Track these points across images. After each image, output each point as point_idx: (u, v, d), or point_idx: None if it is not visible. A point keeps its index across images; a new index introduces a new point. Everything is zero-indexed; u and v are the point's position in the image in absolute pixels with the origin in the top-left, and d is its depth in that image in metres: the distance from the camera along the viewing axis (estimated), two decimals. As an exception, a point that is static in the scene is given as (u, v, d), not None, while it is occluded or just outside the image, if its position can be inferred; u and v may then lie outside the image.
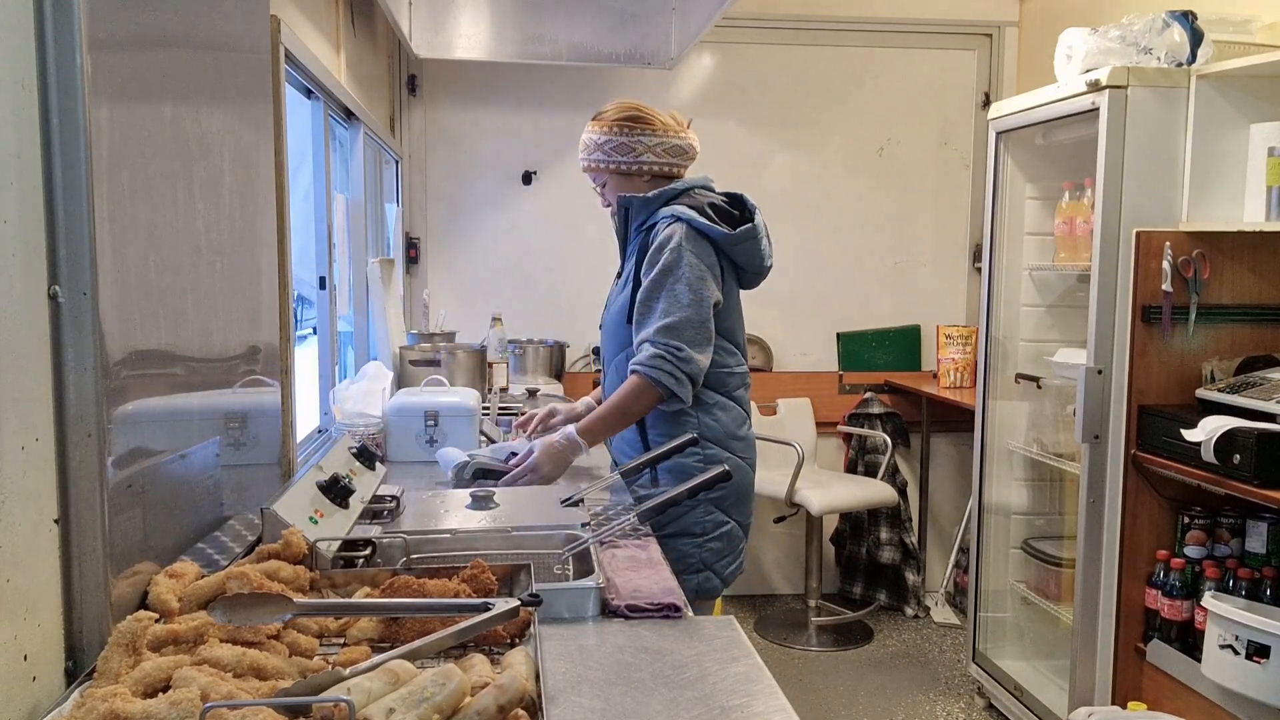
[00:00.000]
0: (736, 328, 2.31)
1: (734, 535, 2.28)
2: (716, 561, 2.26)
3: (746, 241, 2.20)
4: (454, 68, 4.37)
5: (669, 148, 2.28)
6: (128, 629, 1.14)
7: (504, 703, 1.10)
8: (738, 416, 2.28)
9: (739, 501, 2.27)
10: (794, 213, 4.62)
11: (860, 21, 4.57)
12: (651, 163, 2.28)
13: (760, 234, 2.23)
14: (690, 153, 2.33)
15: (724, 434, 2.25)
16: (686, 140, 2.32)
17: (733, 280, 2.29)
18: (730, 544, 2.27)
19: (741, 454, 2.27)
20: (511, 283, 4.53)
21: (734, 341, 2.30)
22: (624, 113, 2.31)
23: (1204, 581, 2.61)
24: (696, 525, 2.24)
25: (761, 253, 2.26)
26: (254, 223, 1.86)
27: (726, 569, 2.28)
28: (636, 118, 2.29)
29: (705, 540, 2.24)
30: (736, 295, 2.32)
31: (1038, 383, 3.31)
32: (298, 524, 1.62)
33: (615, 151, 2.30)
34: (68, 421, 1.19)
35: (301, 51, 2.38)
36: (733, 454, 2.25)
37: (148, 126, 1.39)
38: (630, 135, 2.28)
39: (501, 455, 2.33)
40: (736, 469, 2.15)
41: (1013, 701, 3.30)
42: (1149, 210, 2.75)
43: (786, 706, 1.28)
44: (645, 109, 2.32)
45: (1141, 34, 2.78)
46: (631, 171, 2.31)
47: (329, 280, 2.89)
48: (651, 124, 2.29)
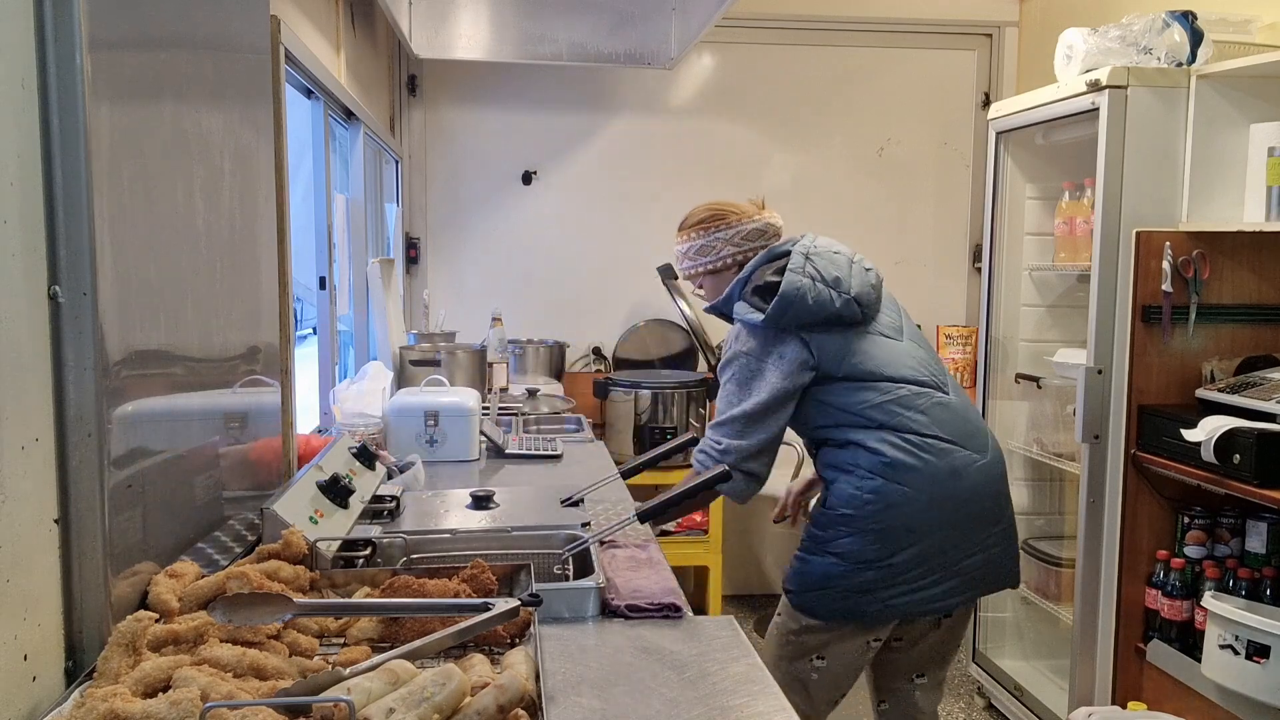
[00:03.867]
0: (864, 360, 2.15)
1: (898, 566, 2.10)
2: (877, 590, 2.11)
3: (788, 310, 2.11)
4: (454, 68, 4.37)
5: (746, 234, 2.31)
6: (128, 629, 1.14)
7: (504, 703, 1.10)
8: (899, 445, 2.11)
9: (912, 534, 2.10)
10: (794, 213, 4.58)
11: (860, 21, 4.57)
12: (733, 254, 2.30)
13: (801, 294, 2.10)
14: (770, 231, 2.33)
15: (886, 466, 2.10)
16: (763, 221, 2.34)
17: (826, 331, 2.15)
18: (892, 574, 2.10)
19: (912, 484, 2.09)
20: (511, 283, 4.53)
21: (864, 374, 2.15)
22: (698, 216, 2.36)
23: (1204, 581, 2.61)
24: (853, 552, 2.11)
25: (816, 306, 2.11)
26: (254, 223, 1.86)
27: (896, 599, 2.12)
28: (709, 217, 2.33)
29: (863, 569, 2.11)
30: (849, 335, 2.17)
31: (1038, 383, 3.31)
32: (298, 524, 1.63)
33: (699, 255, 2.34)
34: (68, 421, 1.19)
35: (301, 51, 2.38)
36: (899, 484, 2.09)
37: (148, 126, 1.39)
38: (707, 235, 2.32)
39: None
40: (905, 500, 2.08)
41: (1013, 701, 3.30)
42: (1149, 210, 2.75)
43: (786, 706, 1.28)
44: (718, 205, 2.36)
45: (1141, 34, 2.78)
46: (719, 268, 2.32)
47: (329, 280, 2.89)
48: (725, 217, 2.32)
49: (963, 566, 2.14)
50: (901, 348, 2.20)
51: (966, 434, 2.16)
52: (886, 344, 2.19)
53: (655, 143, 4.51)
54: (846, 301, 2.13)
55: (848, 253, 2.24)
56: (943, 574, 2.12)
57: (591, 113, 4.54)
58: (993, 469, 2.18)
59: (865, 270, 2.21)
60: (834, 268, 2.16)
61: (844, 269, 2.17)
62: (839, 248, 2.25)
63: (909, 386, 2.15)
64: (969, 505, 2.13)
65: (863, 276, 2.19)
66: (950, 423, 2.14)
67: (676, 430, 3.90)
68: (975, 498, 2.14)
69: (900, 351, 2.19)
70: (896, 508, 2.08)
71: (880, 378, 2.14)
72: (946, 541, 2.11)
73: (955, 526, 2.12)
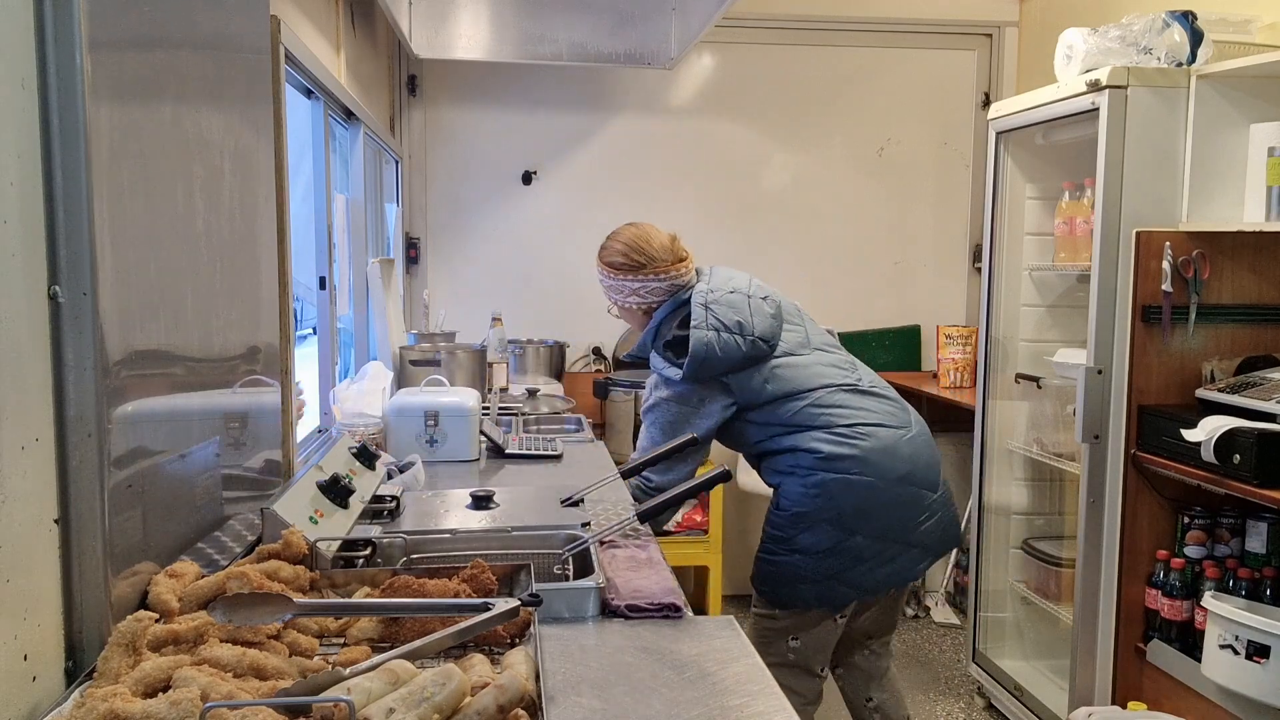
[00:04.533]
0: (783, 384, 2.33)
1: (858, 548, 2.28)
2: (843, 572, 2.29)
3: (704, 365, 2.29)
4: (454, 68, 4.37)
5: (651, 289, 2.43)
6: (128, 629, 1.14)
7: (504, 703, 1.10)
8: (832, 442, 2.29)
9: (857, 518, 2.28)
10: (794, 213, 4.62)
11: (860, 21, 4.57)
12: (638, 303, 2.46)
13: (710, 348, 2.27)
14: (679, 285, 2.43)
15: (826, 459, 2.29)
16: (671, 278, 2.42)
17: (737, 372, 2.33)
18: (855, 557, 2.29)
19: (854, 471, 2.27)
20: (511, 283, 4.53)
21: (788, 391, 2.33)
22: (613, 256, 2.44)
23: (1204, 581, 2.61)
24: (813, 545, 2.29)
25: (725, 356, 2.29)
26: (254, 223, 1.86)
27: (862, 578, 2.31)
28: (624, 265, 2.43)
29: (823, 557, 2.29)
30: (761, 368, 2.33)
31: (1038, 383, 3.31)
32: (298, 524, 1.62)
33: (610, 291, 2.49)
34: (68, 421, 1.19)
35: (301, 51, 2.38)
36: (841, 473, 2.27)
37: (148, 126, 1.39)
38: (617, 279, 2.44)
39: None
40: (847, 485, 2.26)
41: (1013, 701, 3.30)
42: (1149, 210, 2.75)
43: (787, 706, 1.28)
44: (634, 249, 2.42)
45: (1141, 34, 2.78)
46: (628, 308, 2.49)
47: (329, 280, 2.89)
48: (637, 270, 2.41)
49: (917, 535, 2.32)
50: (810, 359, 2.39)
51: (888, 414, 2.36)
52: (796, 362, 2.37)
53: (655, 143, 4.51)
54: (752, 343, 2.30)
55: (744, 287, 2.39)
56: (901, 546, 2.31)
57: (591, 113, 4.54)
58: (919, 439, 2.38)
59: (762, 301, 2.38)
60: (733, 312, 2.32)
61: (743, 311, 2.33)
62: (736, 283, 2.40)
63: (828, 387, 2.34)
64: (909, 477, 2.31)
65: (762, 312, 2.35)
66: (870, 408, 2.34)
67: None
68: (913, 469, 2.32)
69: (810, 363, 2.38)
70: (843, 494, 2.27)
71: (799, 391, 2.34)
72: (897, 515, 2.30)
73: (901, 499, 2.30)
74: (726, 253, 4.49)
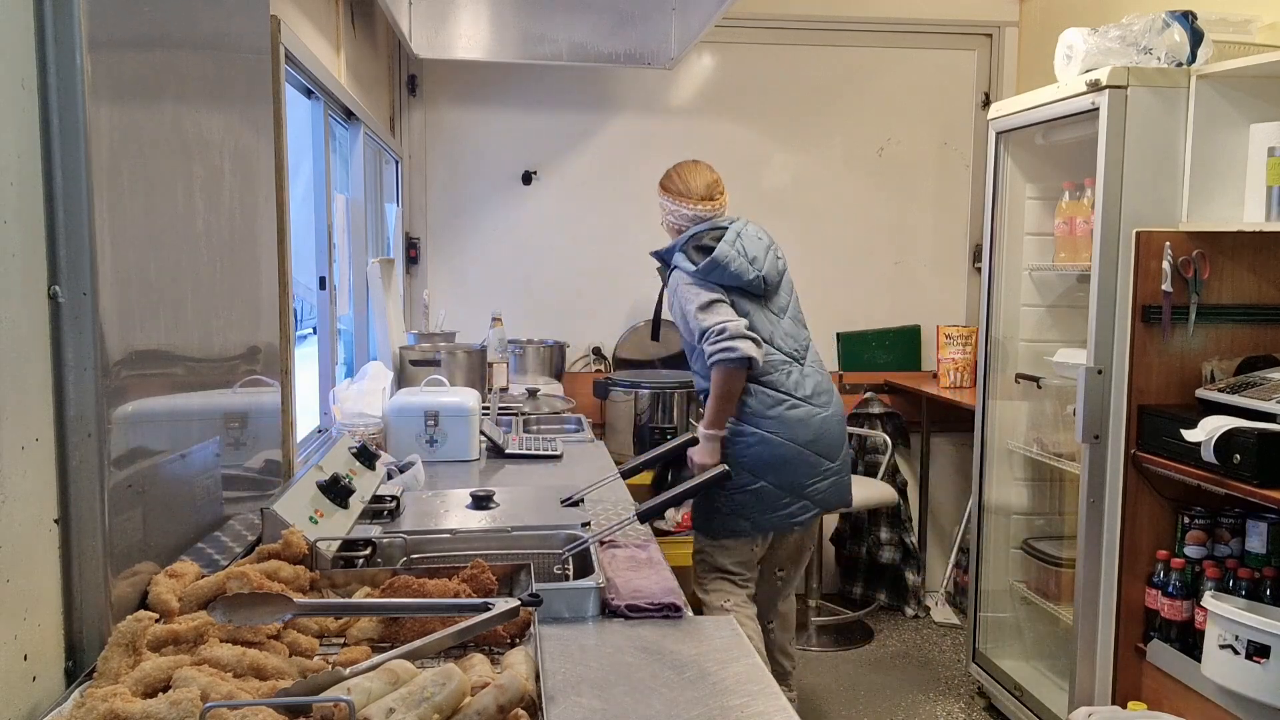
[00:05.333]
0: (759, 329, 2.81)
1: (766, 492, 2.78)
2: (746, 510, 2.79)
3: (715, 270, 2.78)
4: (454, 68, 4.37)
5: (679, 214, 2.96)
6: (128, 629, 1.14)
7: (504, 702, 1.10)
8: (765, 399, 2.80)
9: (770, 467, 2.78)
10: (794, 213, 4.62)
11: (860, 21, 4.57)
12: (670, 222, 3.00)
13: (728, 261, 2.76)
14: (700, 220, 2.93)
15: (752, 414, 2.79)
16: (694, 212, 2.94)
17: (738, 295, 2.82)
18: (761, 500, 2.78)
19: (770, 430, 2.78)
20: (511, 283, 4.53)
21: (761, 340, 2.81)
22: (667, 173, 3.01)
23: (1204, 581, 2.61)
24: (732, 484, 2.75)
25: (735, 274, 2.78)
26: (254, 223, 1.86)
27: (762, 517, 2.79)
28: (664, 182, 3.00)
29: (734, 493, 2.77)
30: (749, 305, 2.83)
31: (1038, 383, 3.31)
32: (298, 524, 1.63)
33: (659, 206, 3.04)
34: (68, 421, 1.19)
35: (301, 51, 2.38)
36: (760, 430, 2.79)
37: (148, 126, 1.39)
38: (660, 195, 3.00)
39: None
40: (763, 441, 2.78)
41: (1013, 701, 3.30)
42: (1149, 210, 2.75)
43: (786, 706, 1.28)
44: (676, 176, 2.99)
45: (1141, 34, 2.78)
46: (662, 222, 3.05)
47: (329, 280, 2.89)
48: (670, 192, 2.98)
49: (810, 491, 2.83)
50: (781, 324, 2.89)
51: (814, 393, 2.86)
52: (772, 318, 2.88)
53: (655, 143, 4.51)
54: (756, 277, 2.81)
55: (768, 240, 2.91)
56: (794, 497, 2.81)
57: (591, 113, 4.53)
58: (832, 419, 2.88)
59: (777, 258, 2.92)
60: (756, 247, 2.85)
61: (762, 252, 2.85)
62: (763, 235, 2.91)
63: (782, 356, 2.85)
64: (813, 445, 2.82)
65: (773, 262, 2.89)
66: (801, 385, 2.85)
67: (676, 430, 3.90)
68: (817, 439, 2.83)
69: (779, 326, 2.88)
70: (760, 447, 2.79)
71: (767, 343, 2.83)
72: (798, 472, 2.81)
73: (804, 460, 2.82)
74: (726, 253, 4.50)
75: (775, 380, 2.81)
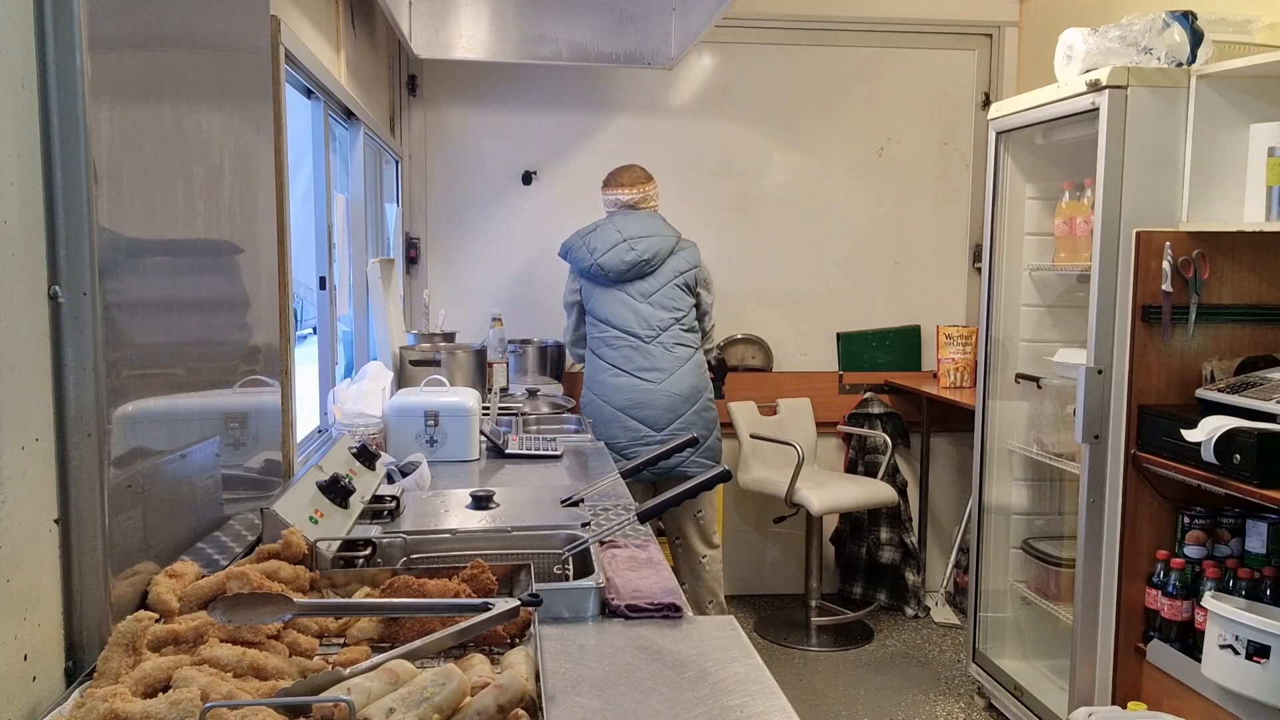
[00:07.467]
0: (598, 308, 3.53)
1: (609, 442, 3.30)
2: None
3: (565, 257, 3.59)
4: (454, 68, 4.37)
5: (605, 202, 3.66)
6: (128, 629, 1.14)
7: (504, 703, 1.10)
8: (596, 366, 3.56)
9: (599, 423, 3.45)
10: (793, 213, 4.62)
11: (860, 21, 4.57)
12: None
13: (570, 250, 3.55)
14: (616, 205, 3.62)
15: (587, 378, 3.60)
16: (613, 197, 3.62)
17: (588, 280, 3.56)
18: (612, 447, 3.25)
19: (596, 392, 3.53)
20: (511, 283, 4.53)
21: (597, 318, 3.56)
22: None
23: (1204, 581, 2.61)
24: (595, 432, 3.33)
25: (575, 259, 3.54)
26: (254, 223, 1.86)
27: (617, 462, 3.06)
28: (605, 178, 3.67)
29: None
30: (595, 288, 3.54)
31: (1038, 383, 3.31)
32: (298, 524, 1.62)
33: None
34: (68, 421, 1.18)
35: (301, 51, 2.38)
36: (589, 390, 3.56)
37: (148, 126, 1.39)
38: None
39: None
40: (587, 402, 3.56)
41: (1013, 701, 3.30)
42: (1149, 210, 2.75)
43: (786, 706, 1.28)
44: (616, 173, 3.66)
45: (1141, 34, 2.78)
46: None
47: (329, 280, 2.89)
48: (605, 183, 3.65)
49: (631, 453, 3.37)
50: (635, 306, 3.48)
51: (644, 369, 3.46)
52: (624, 300, 3.49)
53: (655, 143, 4.51)
54: (593, 264, 3.44)
55: (632, 235, 3.44)
56: (620, 457, 3.27)
57: (591, 113, 4.54)
58: (659, 393, 3.45)
59: (630, 250, 3.43)
60: (601, 240, 3.46)
61: (607, 245, 3.44)
62: (630, 231, 3.46)
63: (617, 332, 3.48)
64: (629, 411, 3.46)
65: (619, 255, 3.43)
66: (633, 360, 3.46)
67: (676, 430, 3.92)
68: (634, 407, 3.46)
69: (630, 308, 3.48)
70: (592, 403, 3.52)
71: (603, 321, 3.52)
72: (619, 432, 3.46)
73: (623, 424, 3.47)
74: (726, 252, 4.51)
75: (605, 354, 3.50)
